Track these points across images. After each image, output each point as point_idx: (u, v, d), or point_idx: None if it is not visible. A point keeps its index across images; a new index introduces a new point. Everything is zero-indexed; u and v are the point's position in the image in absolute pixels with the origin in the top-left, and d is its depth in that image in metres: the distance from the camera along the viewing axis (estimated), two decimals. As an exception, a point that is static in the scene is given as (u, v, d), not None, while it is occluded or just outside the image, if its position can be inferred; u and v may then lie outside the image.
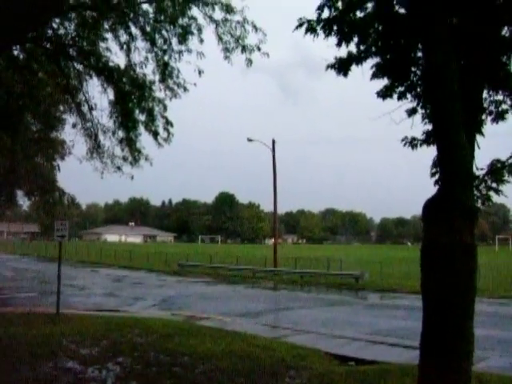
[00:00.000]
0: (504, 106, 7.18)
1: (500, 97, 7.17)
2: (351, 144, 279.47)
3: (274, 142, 42.15)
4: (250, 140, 42.38)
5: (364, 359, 11.98)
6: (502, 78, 6.93)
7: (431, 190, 6.21)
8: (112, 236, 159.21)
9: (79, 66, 14.02)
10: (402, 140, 7.53)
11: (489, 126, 7.10)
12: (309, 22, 7.05)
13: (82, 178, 36.79)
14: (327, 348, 13.03)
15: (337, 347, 13.47)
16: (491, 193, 6.42)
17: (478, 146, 6.34)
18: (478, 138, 6.49)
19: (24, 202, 40.80)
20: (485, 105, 7.07)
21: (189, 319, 17.47)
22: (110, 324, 14.55)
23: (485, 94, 6.99)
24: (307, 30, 7.06)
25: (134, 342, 12.14)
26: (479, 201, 6.45)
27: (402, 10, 6.86)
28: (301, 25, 7.08)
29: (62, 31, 13.30)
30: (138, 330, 13.59)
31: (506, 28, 6.79)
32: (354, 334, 15.39)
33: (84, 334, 12.89)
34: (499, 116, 7.19)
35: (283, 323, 17.76)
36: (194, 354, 10.92)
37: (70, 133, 15.62)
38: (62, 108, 18.46)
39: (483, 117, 6.98)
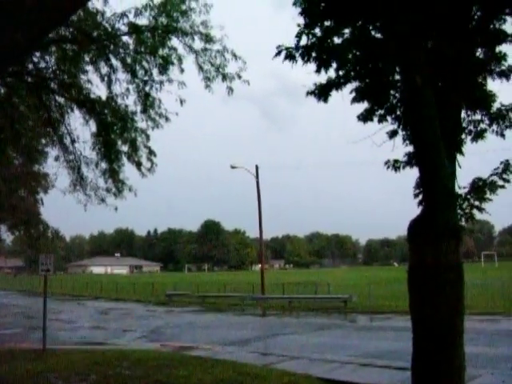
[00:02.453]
0: (482, 126, 7.29)
1: (478, 116, 7.29)
2: (334, 167, 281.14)
3: (257, 168, 42.29)
4: (233, 167, 42.49)
5: (356, 383, 11.90)
6: (480, 98, 7.06)
7: (415, 210, 6.27)
8: (98, 268, 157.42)
9: (61, 99, 14.03)
10: (385, 163, 7.59)
11: (469, 145, 7.21)
12: (287, 49, 7.15)
13: (66, 210, 36.54)
14: (319, 373, 12.93)
15: (328, 372, 13.35)
16: (474, 211, 6.48)
17: (459, 166, 6.43)
18: (459, 157, 6.59)
19: (8, 237, 40.30)
20: (464, 124, 7.17)
21: (178, 350, 17.27)
22: (98, 358, 14.32)
23: (463, 114, 7.10)
24: (286, 57, 7.14)
25: (123, 375, 11.96)
26: (463, 219, 6.51)
27: (379, 35, 7.00)
28: (279, 52, 7.17)
29: (42, 64, 13.34)
30: (126, 363, 13.39)
31: (480, 49, 6.95)
32: (345, 358, 15.29)
33: (71, 369, 12.68)
34: (478, 135, 7.29)
35: (273, 350, 17.61)
36: (184, 384, 10.78)
37: (53, 165, 15.56)
38: (44, 141, 18.36)
39: (463, 136, 7.08)
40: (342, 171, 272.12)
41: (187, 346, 18.02)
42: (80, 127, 14.10)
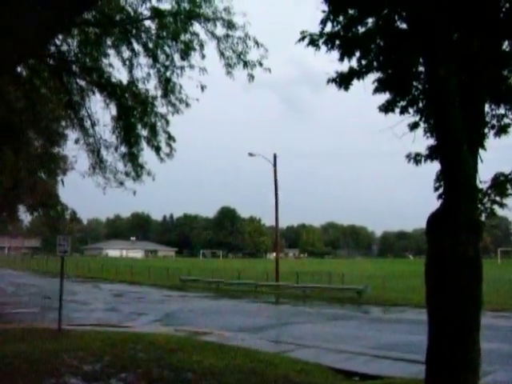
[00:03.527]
0: (506, 120, 7.19)
1: (502, 110, 7.20)
2: (352, 157, 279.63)
3: (275, 156, 42.24)
4: (251, 155, 42.48)
5: (368, 374, 11.91)
6: (504, 92, 6.96)
7: (433, 203, 6.22)
8: (113, 251, 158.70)
9: (82, 82, 14.07)
10: (407, 156, 7.52)
11: (491, 140, 7.12)
12: (311, 35, 7.08)
13: (83, 193, 36.81)
14: (331, 363, 12.97)
15: (340, 362, 13.39)
16: (495, 206, 6.41)
17: (481, 160, 6.35)
18: (481, 151, 6.50)
19: (26, 217, 40.77)
20: (487, 119, 7.08)
21: (192, 334, 17.40)
22: (113, 339, 14.49)
23: (487, 108, 7.01)
24: (309, 43, 7.08)
25: (136, 357, 12.09)
26: (483, 214, 6.45)
27: (404, 26, 6.91)
28: (303, 38, 7.11)
29: (64, 47, 13.38)
30: (140, 346, 13.52)
31: (506, 42, 6.84)
32: (358, 349, 15.30)
33: (86, 349, 12.84)
34: (501, 130, 7.20)
35: (286, 338, 17.67)
36: (197, 369, 10.87)
37: (73, 148, 15.66)
38: (64, 123, 18.51)
39: (486, 131, 6.99)
40: (360, 161, 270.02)
41: (201, 331, 18.15)
42: (100, 111, 14.14)
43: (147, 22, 12.53)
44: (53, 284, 33.25)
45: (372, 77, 7.54)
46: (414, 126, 7.67)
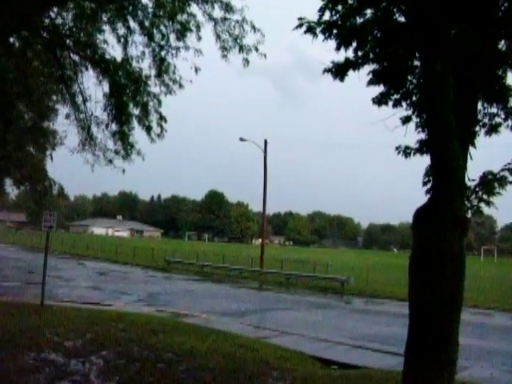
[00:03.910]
0: (498, 119, 7.21)
1: (494, 109, 7.20)
2: (344, 148, 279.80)
3: (266, 142, 42.17)
4: (242, 140, 42.39)
5: (347, 363, 12.03)
6: (497, 91, 6.97)
7: (420, 197, 6.26)
8: (99, 229, 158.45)
9: (75, 57, 13.95)
10: (396, 148, 7.53)
11: (482, 138, 7.14)
12: (309, 23, 7.03)
13: (71, 169, 36.60)
14: (311, 351, 13.09)
15: (321, 350, 13.51)
16: (482, 204, 6.45)
17: (471, 158, 6.38)
18: (471, 149, 6.53)
19: (12, 191, 40.54)
20: (479, 117, 7.10)
21: (174, 316, 17.46)
22: (95, 317, 14.50)
23: (479, 106, 7.02)
24: (307, 31, 7.02)
25: (117, 336, 12.10)
26: (469, 212, 6.48)
27: (402, 19, 6.89)
28: (300, 25, 7.06)
29: (59, 21, 13.25)
30: (122, 325, 13.55)
31: (502, 41, 6.84)
32: (338, 338, 15.44)
33: (68, 326, 12.83)
34: (493, 129, 7.22)
35: (268, 324, 17.79)
36: (177, 351, 10.91)
37: (63, 123, 15.57)
38: (55, 98, 18.36)
39: (477, 129, 7.01)
40: (351, 152, 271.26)
41: (183, 313, 18.22)
42: (93, 87, 14.05)
43: (144, 0, 12.42)
44: (37, 259, 33.10)
45: (367, 68, 7.52)
46: (406, 120, 7.66)
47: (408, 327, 5.80)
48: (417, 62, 7.11)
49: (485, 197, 6.45)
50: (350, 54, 7.31)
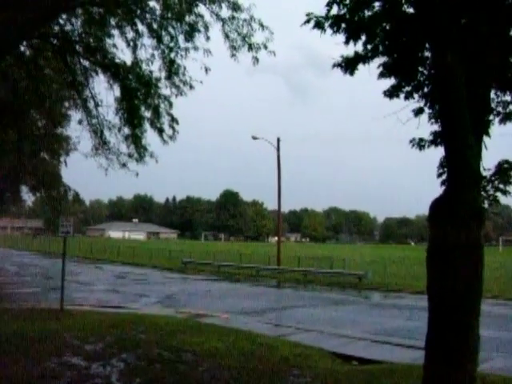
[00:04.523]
0: (511, 107, 7.13)
1: (508, 97, 7.13)
2: (356, 142, 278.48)
3: (278, 140, 42.17)
4: (254, 138, 42.41)
5: (368, 359, 11.97)
6: (510, 79, 6.89)
7: (436, 190, 6.20)
8: (115, 232, 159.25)
9: (85, 63, 14.02)
10: (410, 141, 7.49)
11: (496, 127, 7.07)
12: (316, 18, 6.99)
13: (86, 174, 36.86)
14: (331, 347, 13.04)
15: (340, 346, 13.46)
16: (498, 194, 6.38)
17: (486, 147, 6.31)
18: (486, 138, 6.46)
19: (28, 198, 40.91)
20: (492, 105, 7.02)
21: (193, 317, 17.49)
22: (114, 320, 14.57)
23: (492, 95, 6.95)
24: (315, 26, 6.98)
25: (137, 338, 12.15)
26: (486, 202, 6.42)
27: (410, 10, 6.83)
28: (308, 21, 7.02)
29: (68, 27, 13.31)
30: (141, 327, 13.60)
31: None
32: (358, 334, 15.38)
33: (87, 330, 12.91)
34: (507, 117, 7.14)
35: (286, 322, 17.77)
36: (198, 351, 10.93)
37: (76, 129, 15.64)
38: (67, 104, 18.50)
39: (491, 117, 6.94)
40: (364, 146, 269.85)
41: (201, 314, 18.25)
42: (104, 91, 14.11)
43: (152, 3, 12.45)
44: (55, 264, 33.41)
45: (377, 61, 7.47)
46: (418, 112, 7.60)
47: (427, 320, 5.75)
48: (427, 53, 7.05)
49: (501, 186, 6.39)
50: (360, 47, 7.27)
